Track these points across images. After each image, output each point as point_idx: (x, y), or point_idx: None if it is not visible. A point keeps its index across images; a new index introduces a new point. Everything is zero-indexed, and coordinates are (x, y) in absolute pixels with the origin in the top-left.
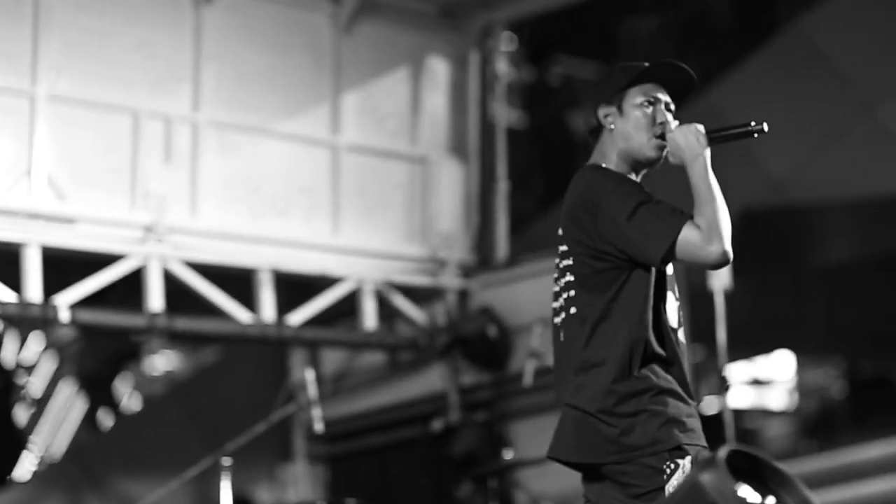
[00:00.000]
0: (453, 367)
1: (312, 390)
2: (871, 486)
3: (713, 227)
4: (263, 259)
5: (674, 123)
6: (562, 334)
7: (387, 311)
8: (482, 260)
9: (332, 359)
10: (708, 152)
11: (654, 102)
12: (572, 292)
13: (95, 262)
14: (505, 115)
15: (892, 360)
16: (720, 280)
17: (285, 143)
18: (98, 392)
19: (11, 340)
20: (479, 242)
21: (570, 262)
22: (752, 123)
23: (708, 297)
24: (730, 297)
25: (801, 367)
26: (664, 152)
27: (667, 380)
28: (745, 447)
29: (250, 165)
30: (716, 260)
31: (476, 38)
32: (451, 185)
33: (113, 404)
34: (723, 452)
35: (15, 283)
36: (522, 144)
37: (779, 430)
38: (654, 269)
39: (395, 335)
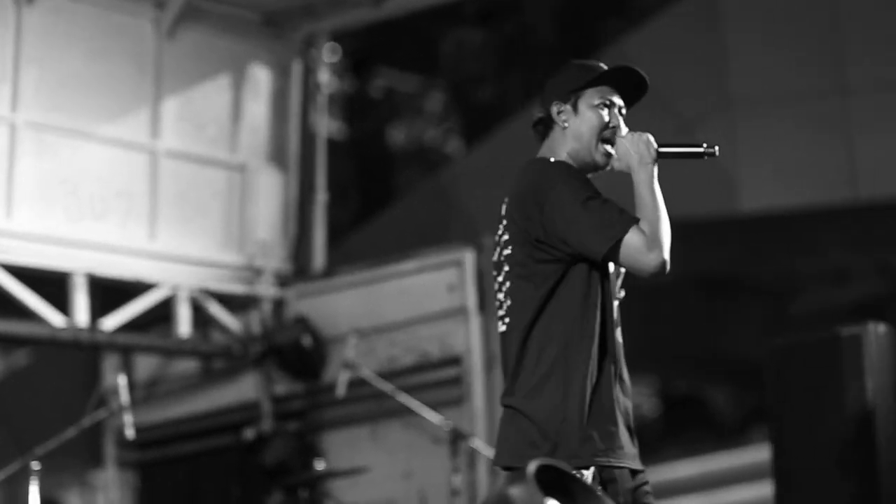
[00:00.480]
0: (267, 377)
1: (124, 396)
2: (685, 503)
3: (656, 235)
4: (79, 263)
5: (624, 129)
6: (501, 325)
7: (201, 318)
8: (299, 270)
9: (145, 365)
10: (656, 162)
11: (609, 105)
12: (510, 284)
13: None
14: (325, 125)
15: (704, 380)
16: None
17: (104, 146)
18: None
19: None
20: (296, 252)
21: (509, 251)
22: (704, 146)
23: None
24: None
25: None
26: (609, 159)
27: (600, 383)
28: (552, 461)
29: (68, 168)
30: (654, 268)
31: (299, 48)
32: (269, 194)
33: None
34: (532, 467)
35: None
36: (342, 155)
37: None
38: (595, 268)
39: (209, 343)
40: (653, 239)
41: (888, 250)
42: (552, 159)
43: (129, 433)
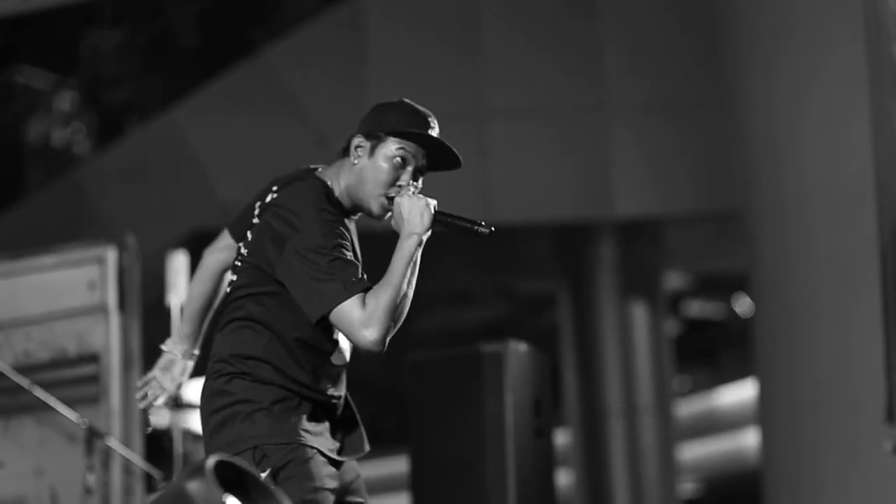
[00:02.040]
0: None
1: None
2: None
3: (378, 313)
4: None
5: (410, 190)
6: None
7: None
8: None
9: None
10: (426, 233)
11: (405, 163)
12: (236, 277)
13: None
14: None
15: None
16: (178, 296)
17: None
18: None
19: None
20: None
21: (247, 252)
22: (482, 223)
23: (164, 312)
24: None
25: None
26: (385, 214)
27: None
28: (232, 458)
29: None
30: (364, 346)
31: None
32: None
33: None
34: (211, 462)
35: None
36: None
37: None
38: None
39: None
40: (372, 315)
41: (510, 273)
42: (325, 186)
43: None
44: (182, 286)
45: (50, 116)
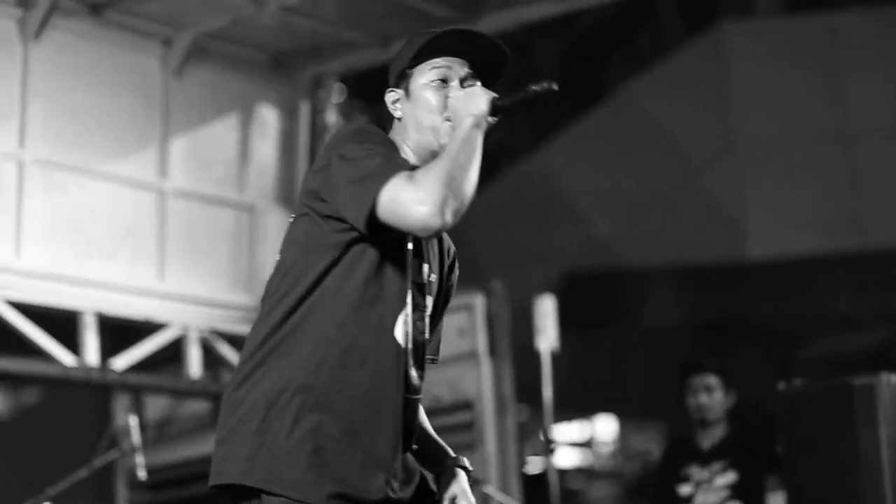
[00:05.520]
0: None
1: (136, 437)
2: None
3: (430, 182)
4: (88, 301)
5: (457, 91)
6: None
7: (211, 358)
8: None
9: (156, 405)
10: (484, 116)
11: (445, 81)
12: (280, 257)
13: None
14: None
15: None
16: (547, 340)
17: (111, 184)
18: None
19: None
20: None
21: (292, 218)
22: (544, 84)
23: (533, 356)
24: (554, 357)
25: (624, 430)
26: None
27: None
28: None
29: (75, 206)
30: (418, 223)
31: (307, 89)
32: (278, 234)
33: None
34: None
35: None
36: None
37: (603, 492)
38: (381, 250)
39: (219, 383)
40: (423, 185)
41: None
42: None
43: (142, 474)
44: (551, 330)
45: None
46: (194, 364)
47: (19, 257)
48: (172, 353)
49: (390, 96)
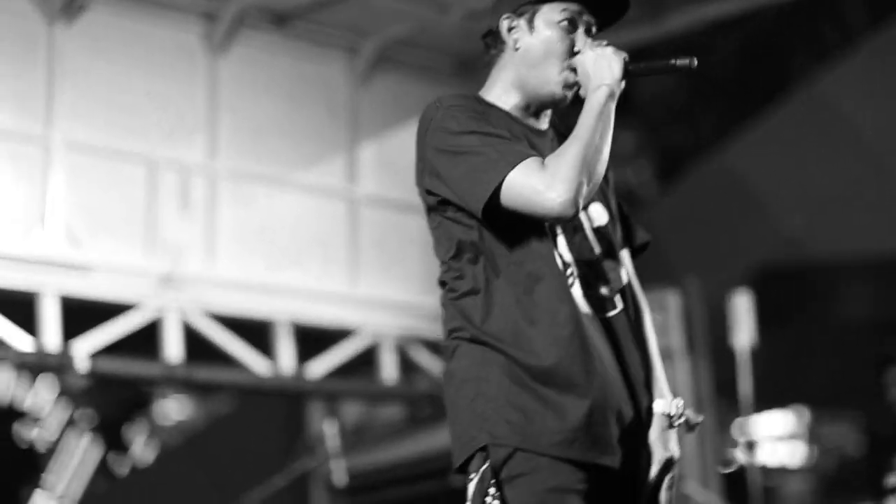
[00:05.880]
0: None
1: (334, 443)
2: None
3: (564, 169)
4: (280, 309)
5: (591, 45)
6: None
7: (406, 363)
8: None
9: (351, 411)
10: (619, 84)
11: (575, 23)
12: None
13: (111, 310)
14: None
15: None
16: (744, 336)
17: (301, 193)
18: (110, 438)
19: (23, 386)
20: None
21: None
22: (685, 60)
23: (728, 353)
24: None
25: (818, 424)
26: (572, 91)
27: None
28: None
29: (266, 216)
30: (553, 210)
31: None
32: None
33: (125, 449)
34: None
35: (31, 331)
36: None
37: (798, 487)
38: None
39: (414, 388)
40: (557, 172)
41: None
42: (471, 95)
43: (341, 480)
44: (746, 326)
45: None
46: (389, 369)
47: (211, 267)
48: (364, 359)
49: (507, 23)
